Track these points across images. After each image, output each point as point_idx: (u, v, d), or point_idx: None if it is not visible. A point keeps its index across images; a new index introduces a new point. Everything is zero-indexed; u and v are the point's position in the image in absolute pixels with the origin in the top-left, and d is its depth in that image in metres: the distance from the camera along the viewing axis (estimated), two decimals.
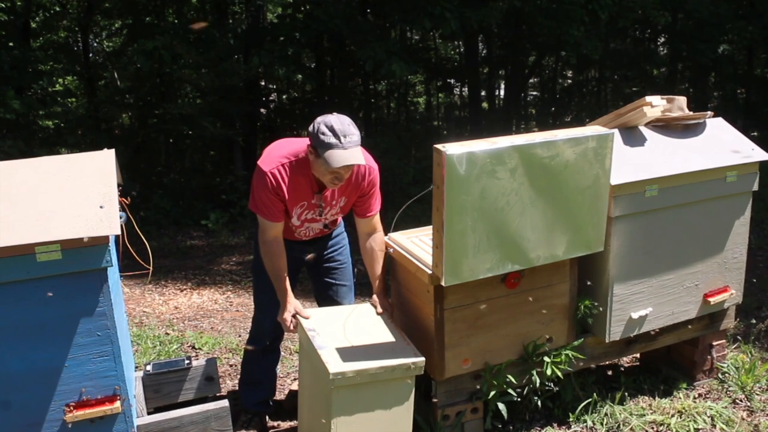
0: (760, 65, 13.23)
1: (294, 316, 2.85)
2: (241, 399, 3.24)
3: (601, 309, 2.99)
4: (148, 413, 2.81)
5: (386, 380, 2.56)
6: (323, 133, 2.61)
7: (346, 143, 2.61)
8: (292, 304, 2.87)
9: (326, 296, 3.19)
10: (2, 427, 2.27)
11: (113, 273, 2.50)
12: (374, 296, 2.98)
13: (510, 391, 2.91)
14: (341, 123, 2.64)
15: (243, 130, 10.27)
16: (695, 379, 3.41)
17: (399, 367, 2.56)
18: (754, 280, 5.09)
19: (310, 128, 2.68)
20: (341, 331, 2.77)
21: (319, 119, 2.68)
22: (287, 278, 2.89)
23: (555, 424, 3.11)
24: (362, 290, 5.73)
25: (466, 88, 13.68)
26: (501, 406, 2.89)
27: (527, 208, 2.58)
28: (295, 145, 2.81)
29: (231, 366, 4.01)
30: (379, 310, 2.92)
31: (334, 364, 2.51)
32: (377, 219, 3.00)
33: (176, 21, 10.26)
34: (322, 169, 2.67)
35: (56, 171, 2.40)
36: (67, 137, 9.50)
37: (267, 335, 3.13)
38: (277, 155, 2.80)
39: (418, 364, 2.59)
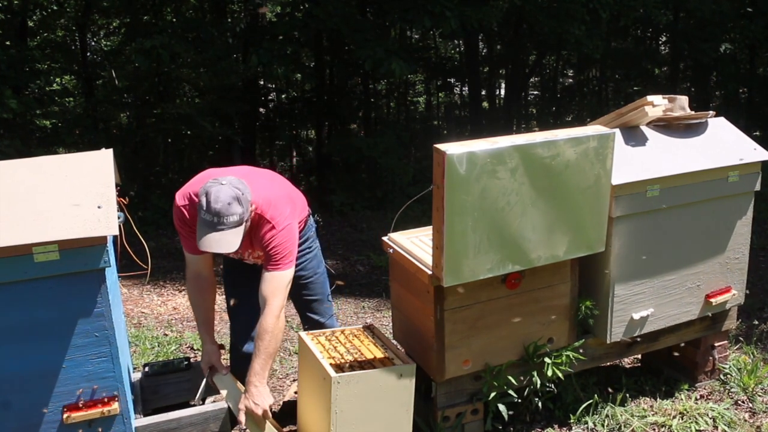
0: (763, 64, 13.19)
1: (211, 367, 2.82)
2: None
3: (601, 310, 2.97)
4: (147, 414, 2.79)
5: (386, 382, 2.55)
6: (202, 208, 2.43)
7: (219, 225, 2.41)
8: (208, 354, 2.81)
9: (304, 315, 3.18)
10: (0, 428, 2.26)
11: (111, 273, 2.48)
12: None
13: (510, 392, 2.89)
14: (221, 201, 2.41)
15: (242, 129, 10.24)
16: (697, 381, 3.39)
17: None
18: (757, 281, 5.08)
19: (200, 188, 2.50)
20: None
21: (209, 184, 2.47)
22: (208, 323, 2.81)
23: (556, 426, 3.10)
24: (361, 291, 5.72)
25: (467, 88, 13.63)
26: (501, 407, 2.88)
27: (528, 208, 2.56)
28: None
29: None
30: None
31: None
32: (274, 284, 2.59)
33: (174, 20, 10.22)
34: None
35: (54, 171, 2.38)
36: (64, 137, 9.44)
37: (242, 339, 3.03)
38: (191, 190, 2.65)
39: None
